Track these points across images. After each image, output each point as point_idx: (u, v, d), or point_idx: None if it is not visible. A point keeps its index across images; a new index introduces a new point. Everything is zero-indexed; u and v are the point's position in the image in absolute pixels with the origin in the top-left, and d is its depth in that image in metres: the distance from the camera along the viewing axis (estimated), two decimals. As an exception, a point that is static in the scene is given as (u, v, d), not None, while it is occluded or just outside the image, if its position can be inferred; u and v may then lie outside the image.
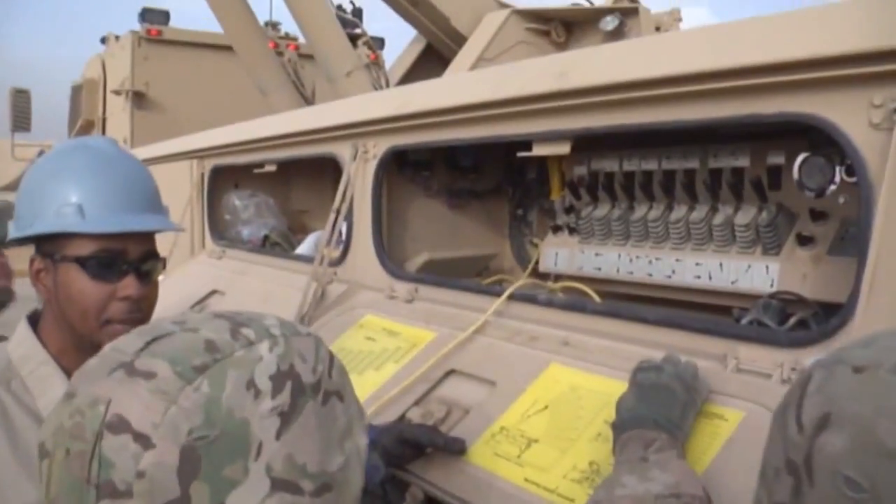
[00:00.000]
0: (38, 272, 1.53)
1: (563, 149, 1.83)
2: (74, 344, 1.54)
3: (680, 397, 1.33)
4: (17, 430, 1.44)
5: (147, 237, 1.57)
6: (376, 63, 4.77)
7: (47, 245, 1.50)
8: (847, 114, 1.33)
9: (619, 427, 1.34)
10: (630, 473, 1.19)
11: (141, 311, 1.55)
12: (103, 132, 7.72)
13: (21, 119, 8.29)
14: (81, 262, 1.49)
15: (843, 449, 0.68)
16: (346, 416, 0.86)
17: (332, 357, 0.88)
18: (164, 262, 1.65)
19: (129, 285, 1.52)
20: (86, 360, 1.50)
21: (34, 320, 1.59)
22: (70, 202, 1.49)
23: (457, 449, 1.58)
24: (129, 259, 1.52)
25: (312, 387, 0.82)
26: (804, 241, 1.79)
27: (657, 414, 1.30)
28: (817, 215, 1.80)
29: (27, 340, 1.54)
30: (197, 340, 0.79)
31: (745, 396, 1.39)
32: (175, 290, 3.39)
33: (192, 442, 0.72)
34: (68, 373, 1.51)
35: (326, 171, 3.82)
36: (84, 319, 1.51)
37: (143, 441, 0.71)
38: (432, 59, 5.18)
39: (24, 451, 1.43)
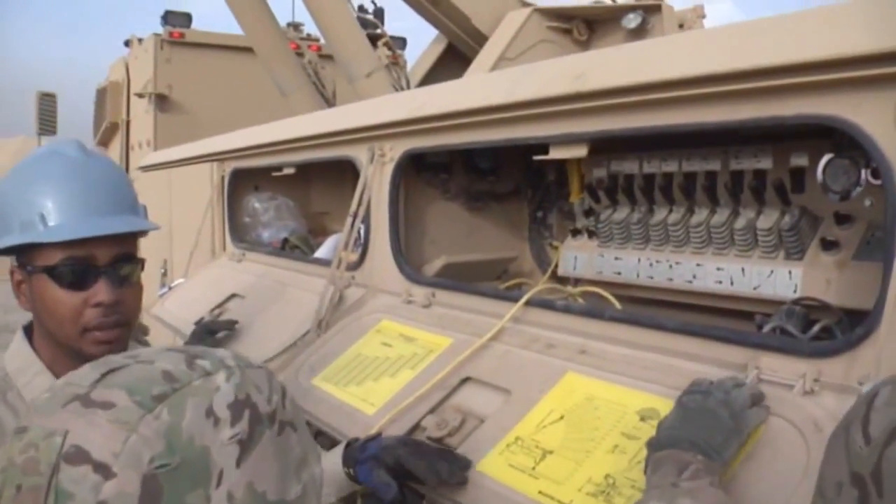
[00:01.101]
0: (19, 283, 1.54)
1: (580, 152, 1.79)
2: (62, 352, 1.54)
3: (725, 424, 1.27)
4: None
5: (120, 240, 1.54)
6: (397, 63, 4.75)
7: (22, 256, 1.50)
8: (871, 115, 1.29)
9: (654, 445, 1.29)
10: (659, 500, 1.14)
11: (118, 314, 1.53)
12: (127, 135, 7.78)
13: (47, 122, 8.37)
14: (50, 271, 1.48)
15: None
16: (300, 447, 0.87)
17: (284, 389, 0.88)
18: (142, 263, 1.62)
19: (99, 291, 1.50)
20: (70, 366, 1.48)
21: (30, 331, 1.59)
22: (34, 212, 1.48)
23: (456, 482, 1.54)
24: (98, 264, 1.50)
25: (269, 416, 0.82)
26: (828, 245, 1.74)
27: (697, 437, 1.24)
28: (842, 219, 1.75)
29: (22, 351, 1.55)
30: (154, 371, 0.79)
31: (766, 408, 1.36)
32: (195, 293, 3.40)
33: (153, 470, 0.71)
34: None
35: (346, 173, 3.82)
36: (62, 328, 1.50)
37: (104, 471, 0.70)
38: (454, 59, 5.15)
39: None
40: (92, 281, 1.50)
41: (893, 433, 0.69)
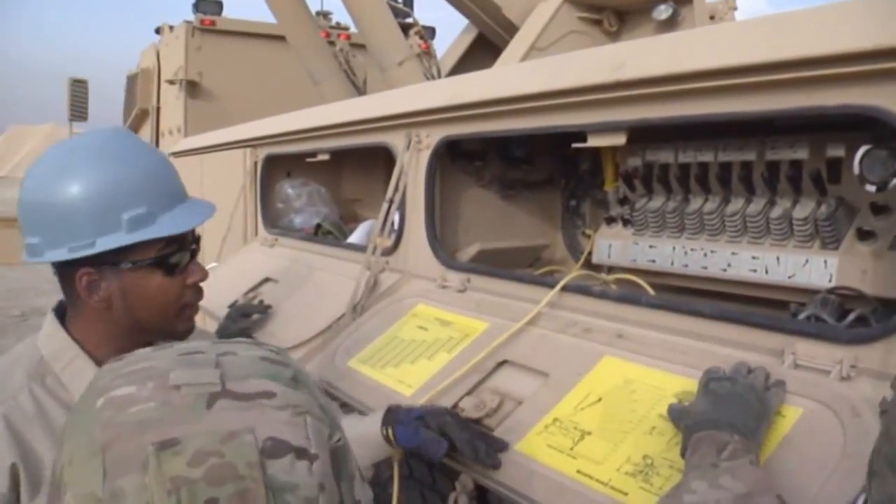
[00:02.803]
0: (90, 283, 1.46)
1: (619, 140, 1.81)
2: (123, 341, 1.52)
3: (754, 407, 1.31)
4: (57, 428, 1.42)
5: None
6: (428, 52, 4.76)
7: (105, 256, 1.44)
8: (912, 106, 1.30)
9: (691, 428, 1.31)
10: (701, 479, 1.16)
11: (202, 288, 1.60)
12: (157, 121, 7.84)
13: (79, 108, 8.44)
14: (157, 263, 1.49)
15: None
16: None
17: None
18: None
19: (195, 271, 1.56)
20: (122, 349, 1.48)
21: (60, 314, 1.57)
22: (138, 208, 1.45)
23: (490, 463, 1.57)
24: (189, 246, 1.55)
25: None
26: (864, 235, 1.76)
27: (733, 419, 1.27)
28: (879, 209, 1.77)
29: (57, 335, 1.53)
30: (253, 358, 0.80)
31: (802, 393, 1.38)
32: (229, 277, 3.44)
33: (335, 444, 0.75)
34: (100, 364, 1.47)
35: (378, 161, 3.85)
36: (163, 314, 1.53)
37: (306, 455, 0.71)
38: (484, 49, 5.17)
39: None
40: (187, 262, 1.55)
41: None
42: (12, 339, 8.30)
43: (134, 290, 1.49)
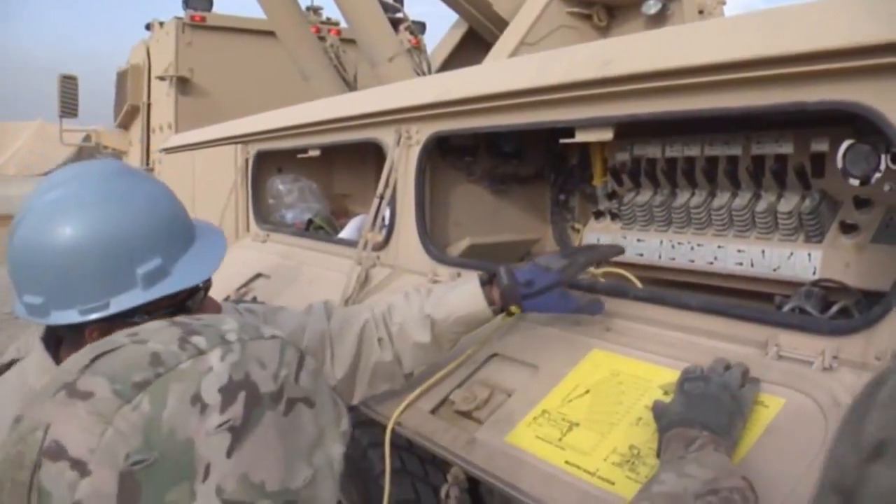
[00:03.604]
0: (101, 338, 1.38)
1: (606, 135, 1.84)
2: None
3: (727, 406, 1.33)
4: None
5: None
6: (418, 48, 4.77)
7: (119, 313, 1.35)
8: (893, 102, 1.32)
9: (665, 428, 1.35)
10: (669, 471, 1.19)
11: None
12: (148, 117, 7.82)
13: (69, 105, 8.41)
14: (172, 312, 1.36)
15: (885, 488, 0.57)
16: (315, 425, 0.80)
17: (301, 359, 0.82)
18: None
19: (209, 307, 1.50)
20: None
21: (48, 343, 1.45)
22: (151, 265, 1.35)
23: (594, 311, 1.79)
24: (200, 284, 1.47)
25: (272, 395, 0.75)
26: (848, 228, 1.79)
27: (705, 419, 1.30)
28: (861, 203, 1.80)
29: (49, 370, 1.40)
30: (142, 353, 0.73)
31: (785, 383, 1.40)
32: (220, 273, 3.42)
33: (129, 467, 0.66)
34: None
35: (368, 156, 3.87)
36: None
37: (80, 468, 0.66)
38: (473, 44, 5.18)
39: None
40: (201, 301, 1.48)
41: (878, 449, 0.59)
42: (4, 337, 8.29)
43: None
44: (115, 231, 1.33)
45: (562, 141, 1.97)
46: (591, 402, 1.61)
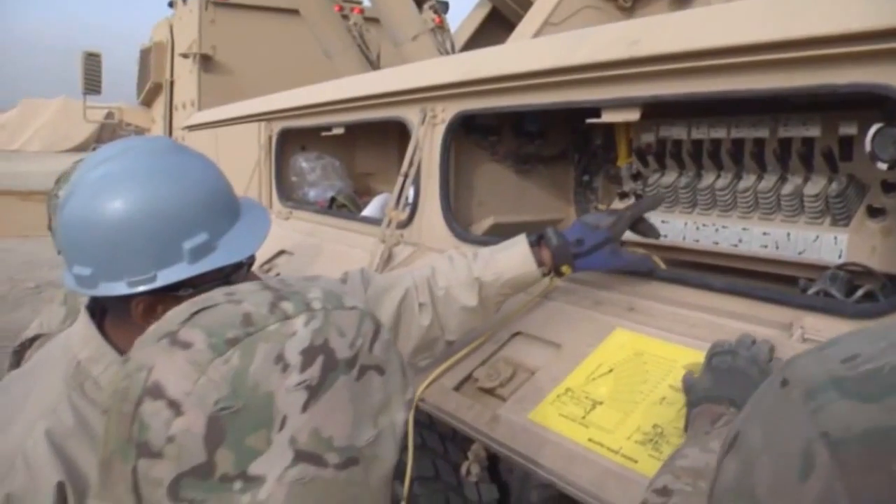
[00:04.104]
0: (147, 309, 1.40)
1: (633, 116, 1.84)
2: None
3: (755, 381, 1.34)
4: (99, 437, 1.42)
5: None
6: (441, 27, 4.76)
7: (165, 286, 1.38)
8: (923, 85, 1.32)
9: (692, 403, 1.36)
10: (693, 446, 1.20)
11: None
12: (171, 94, 7.87)
13: (92, 82, 8.46)
14: (218, 286, 1.38)
15: (729, 483, 0.56)
16: (383, 391, 0.87)
17: (377, 331, 0.89)
18: None
19: (250, 280, 1.48)
20: None
21: (93, 313, 1.49)
22: (198, 240, 1.38)
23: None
24: (244, 259, 1.49)
25: (347, 361, 0.83)
26: (875, 212, 1.78)
27: (732, 394, 1.31)
28: (889, 187, 1.79)
29: (94, 338, 1.46)
30: (236, 313, 0.81)
31: (810, 365, 1.40)
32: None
33: (217, 412, 0.75)
34: None
35: (391, 135, 3.88)
36: None
37: (175, 408, 0.75)
38: (497, 24, 5.17)
39: None
40: (244, 276, 1.50)
41: (731, 442, 0.58)
42: (27, 311, 8.39)
43: None
44: (163, 206, 1.35)
45: (588, 121, 1.97)
46: (615, 381, 1.62)
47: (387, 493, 0.91)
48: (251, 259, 1.53)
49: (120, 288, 1.36)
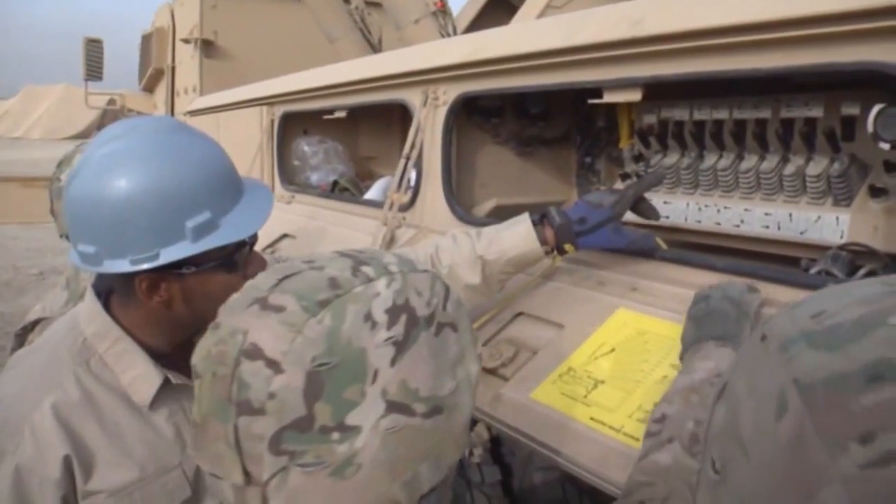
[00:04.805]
0: (150, 287, 1.43)
1: (635, 96, 1.83)
2: (177, 332, 1.54)
3: (731, 314, 1.41)
4: (105, 412, 1.45)
5: None
6: (443, 10, 4.75)
7: (167, 263, 1.40)
8: (928, 63, 1.31)
9: (681, 354, 1.44)
10: (680, 375, 1.31)
11: None
12: (172, 80, 7.86)
13: (94, 68, 8.44)
14: (220, 265, 1.45)
15: (719, 426, 0.63)
16: (458, 346, 0.93)
17: (447, 291, 0.95)
18: None
19: (255, 262, 1.53)
20: (175, 338, 1.54)
21: (99, 293, 1.54)
22: (202, 213, 1.40)
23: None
24: (247, 238, 1.51)
25: (426, 319, 0.89)
26: (877, 192, 1.78)
27: (714, 332, 1.38)
28: (891, 167, 1.78)
29: (98, 316, 1.50)
30: (321, 278, 0.87)
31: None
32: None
33: (315, 368, 0.80)
34: (145, 347, 1.51)
35: (393, 119, 3.87)
36: None
37: (274, 367, 0.80)
38: (499, 7, 5.16)
39: (113, 432, 1.44)
40: (247, 255, 1.52)
41: (721, 392, 0.65)
42: (31, 297, 8.41)
43: (196, 291, 1.46)
44: (166, 185, 1.37)
45: (589, 101, 1.97)
46: (617, 360, 1.62)
47: (466, 439, 0.99)
48: (254, 238, 1.54)
49: (123, 265, 1.38)
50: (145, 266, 1.38)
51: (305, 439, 0.81)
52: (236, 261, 1.48)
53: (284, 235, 3.26)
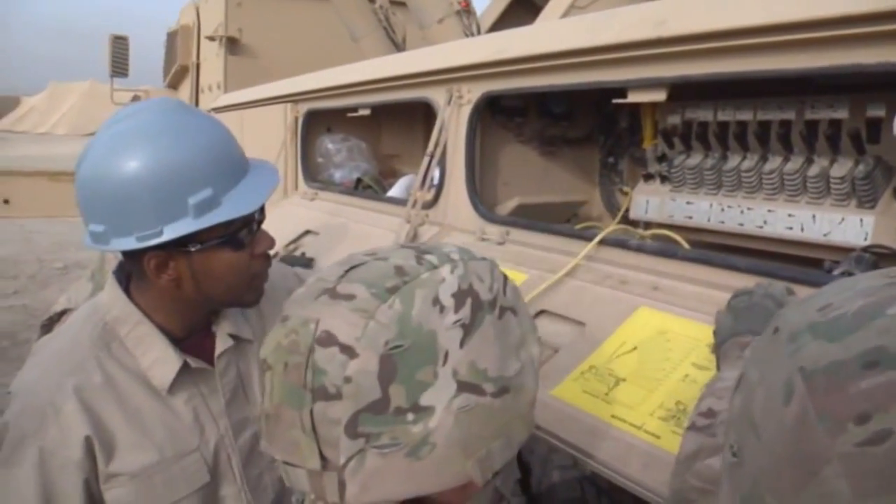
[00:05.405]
0: (158, 265, 1.47)
1: (659, 96, 1.84)
2: (191, 313, 1.56)
3: (773, 311, 1.40)
4: (125, 395, 1.48)
5: None
6: (468, 10, 4.75)
7: (173, 240, 1.43)
8: (954, 66, 1.31)
9: (718, 344, 1.43)
10: (729, 369, 1.28)
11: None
12: (197, 77, 7.91)
13: (120, 65, 8.52)
14: (228, 241, 1.48)
15: (736, 413, 0.67)
16: (520, 329, 0.98)
17: (505, 278, 0.99)
18: None
19: (262, 241, 1.56)
20: (191, 320, 1.55)
21: (120, 278, 1.58)
22: (204, 190, 1.43)
23: None
24: (254, 218, 1.54)
25: (489, 303, 0.93)
26: (902, 194, 1.78)
27: (754, 326, 1.38)
28: (917, 169, 1.78)
29: (120, 300, 1.54)
30: (387, 267, 0.90)
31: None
32: (270, 229, 3.48)
33: (388, 351, 0.84)
34: (165, 331, 1.54)
35: (417, 117, 3.89)
36: (234, 289, 1.53)
37: (349, 352, 0.84)
38: (523, 7, 5.15)
39: (134, 415, 1.47)
40: (254, 232, 1.55)
41: (738, 381, 0.70)
42: (54, 290, 8.50)
43: (203, 268, 1.49)
44: (168, 162, 1.41)
45: (614, 101, 1.97)
46: (639, 358, 1.63)
47: (532, 419, 1.02)
48: (261, 217, 1.57)
49: (129, 243, 1.42)
50: (150, 243, 1.41)
51: (381, 421, 0.83)
52: (242, 239, 1.51)
53: (307, 232, 3.28)
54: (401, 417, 0.83)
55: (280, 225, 3.50)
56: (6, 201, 7.35)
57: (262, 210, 1.58)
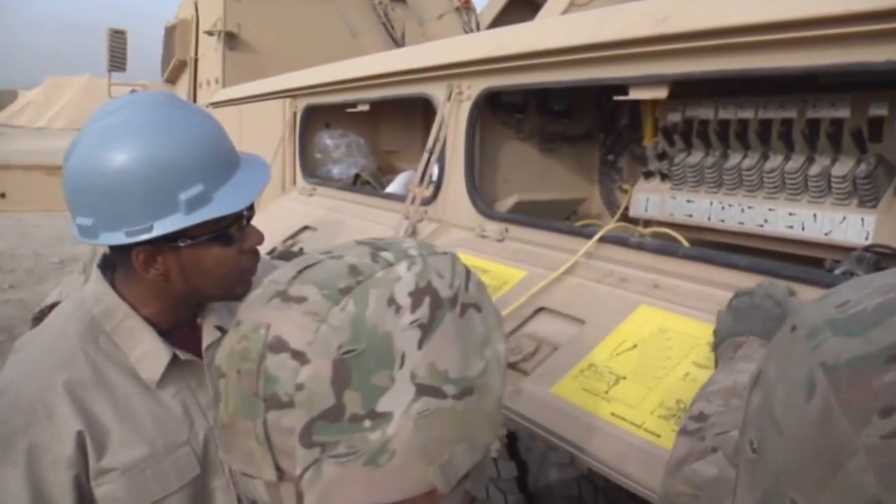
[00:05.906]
0: (147, 260, 1.44)
1: (661, 93, 1.83)
2: (179, 306, 1.54)
3: (772, 312, 1.40)
4: (115, 389, 1.46)
5: None
6: (467, 6, 4.74)
7: (162, 236, 1.40)
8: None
9: (717, 343, 1.43)
10: (720, 372, 1.28)
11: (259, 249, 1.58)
12: (195, 72, 7.88)
13: (117, 59, 8.49)
14: (216, 237, 1.46)
15: (755, 410, 0.68)
16: (484, 326, 0.93)
17: (468, 273, 0.95)
18: None
19: (251, 235, 1.53)
20: (178, 313, 1.52)
21: (105, 271, 1.55)
22: (195, 186, 1.40)
23: None
24: (244, 213, 1.52)
25: (450, 300, 0.88)
26: (904, 193, 1.77)
27: (752, 327, 1.38)
28: (920, 168, 1.78)
29: (106, 295, 1.51)
30: (341, 266, 0.86)
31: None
32: (268, 225, 3.45)
33: (341, 356, 0.80)
34: (152, 324, 1.52)
35: (416, 113, 3.88)
36: (223, 283, 1.50)
37: (300, 358, 0.80)
38: (522, 4, 5.15)
39: (124, 409, 1.46)
40: (244, 227, 1.53)
41: (755, 378, 0.70)
42: (51, 285, 8.48)
43: (192, 263, 1.47)
44: (159, 157, 1.38)
45: (615, 98, 1.96)
46: (639, 356, 1.62)
47: (499, 419, 0.97)
48: (251, 212, 1.55)
49: (118, 237, 1.40)
50: (140, 238, 1.39)
51: (336, 429, 0.80)
52: (231, 234, 1.49)
53: (305, 227, 3.27)
54: (357, 425, 0.80)
55: (278, 220, 3.50)
56: (3, 195, 7.31)
57: (251, 206, 1.55)
